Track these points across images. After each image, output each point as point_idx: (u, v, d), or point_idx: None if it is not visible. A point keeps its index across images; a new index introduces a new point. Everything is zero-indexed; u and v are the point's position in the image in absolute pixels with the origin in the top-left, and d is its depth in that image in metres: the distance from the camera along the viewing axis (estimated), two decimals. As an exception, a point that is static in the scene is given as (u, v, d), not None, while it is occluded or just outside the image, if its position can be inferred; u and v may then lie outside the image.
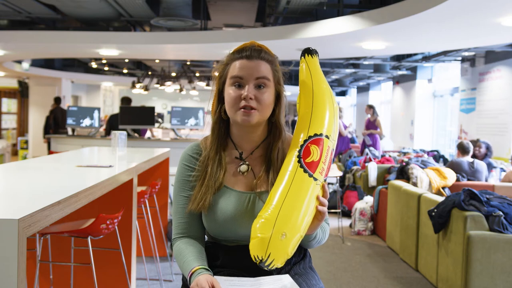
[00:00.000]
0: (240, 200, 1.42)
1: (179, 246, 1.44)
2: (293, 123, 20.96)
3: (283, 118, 1.49)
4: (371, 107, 9.37)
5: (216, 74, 1.49)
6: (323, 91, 1.43)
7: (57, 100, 10.79)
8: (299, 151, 1.35)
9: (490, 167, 5.49)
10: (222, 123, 1.48)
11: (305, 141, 1.37)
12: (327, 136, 1.38)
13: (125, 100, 8.13)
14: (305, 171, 1.32)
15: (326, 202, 1.35)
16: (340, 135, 8.95)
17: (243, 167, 1.47)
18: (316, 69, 1.45)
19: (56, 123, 10.26)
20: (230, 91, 1.40)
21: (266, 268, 1.26)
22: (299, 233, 1.28)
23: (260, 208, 1.39)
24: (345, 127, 9.18)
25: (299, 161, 1.34)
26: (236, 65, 1.41)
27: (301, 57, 1.48)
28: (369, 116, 9.40)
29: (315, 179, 1.32)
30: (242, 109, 1.38)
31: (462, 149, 5.12)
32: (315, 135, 1.37)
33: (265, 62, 1.42)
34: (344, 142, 9.33)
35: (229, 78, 1.41)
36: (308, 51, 1.47)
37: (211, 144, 1.48)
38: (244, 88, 1.39)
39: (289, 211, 1.27)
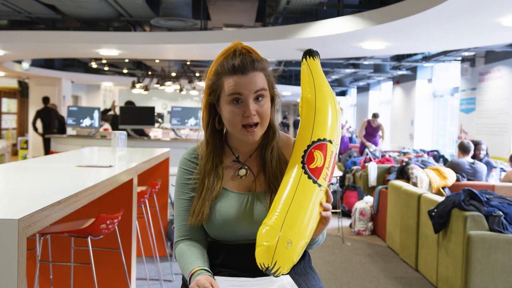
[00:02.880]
0: (239, 201, 1.42)
1: (181, 248, 1.44)
2: (295, 123, 20.95)
3: (277, 119, 1.48)
4: (377, 116, 9.44)
5: (207, 85, 1.44)
6: (325, 94, 1.42)
7: (45, 100, 10.69)
8: (303, 157, 1.34)
9: (489, 166, 5.49)
10: (216, 134, 1.47)
11: (308, 146, 1.35)
12: (330, 141, 1.37)
13: (128, 104, 8.19)
14: (309, 177, 1.31)
15: (330, 207, 1.34)
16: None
17: (242, 171, 1.47)
18: (318, 72, 1.44)
19: (44, 125, 10.21)
20: (230, 109, 1.38)
21: (272, 275, 1.27)
22: (304, 239, 1.28)
23: (258, 209, 1.39)
24: (342, 126, 9.21)
25: (303, 167, 1.33)
26: (231, 82, 1.37)
27: (302, 59, 1.47)
28: (368, 119, 9.47)
29: (319, 185, 1.32)
30: (245, 128, 1.37)
31: (463, 148, 5.12)
32: (319, 140, 1.36)
33: (259, 72, 1.40)
34: (343, 142, 9.36)
35: (227, 95, 1.38)
36: (310, 53, 1.45)
37: (207, 157, 1.47)
38: (246, 104, 1.37)
39: (294, 219, 1.27)
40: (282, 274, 1.27)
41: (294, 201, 1.29)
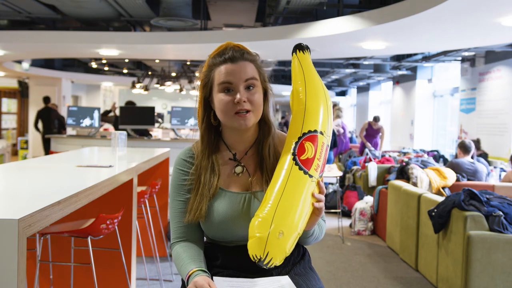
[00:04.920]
0: (236, 201, 1.42)
1: (177, 250, 1.44)
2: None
3: (271, 114, 1.48)
4: (378, 119, 9.46)
5: (200, 81, 1.46)
6: (316, 87, 1.42)
7: (45, 99, 10.70)
8: (294, 149, 1.35)
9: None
10: (211, 130, 1.47)
11: (299, 138, 1.36)
12: (321, 132, 1.37)
13: (129, 104, 8.20)
14: (300, 168, 1.32)
15: (322, 198, 1.34)
16: (340, 134, 9.00)
17: (238, 169, 1.47)
18: (308, 65, 1.44)
19: (44, 125, 10.23)
20: (221, 97, 1.38)
21: (265, 267, 1.26)
22: (297, 231, 1.29)
23: (256, 208, 1.39)
24: (344, 128, 9.25)
25: (294, 159, 1.33)
26: (221, 71, 1.39)
27: (292, 54, 1.46)
28: (368, 121, 9.51)
29: (311, 176, 1.32)
30: (237, 114, 1.37)
31: (464, 148, 5.12)
32: (309, 131, 1.36)
33: (249, 62, 1.41)
34: (343, 142, 9.37)
35: (217, 84, 1.39)
36: (300, 47, 1.45)
37: (202, 152, 1.47)
38: (236, 92, 1.37)
39: (285, 210, 1.27)
40: (275, 265, 1.26)
41: (286, 192, 1.29)
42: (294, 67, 1.45)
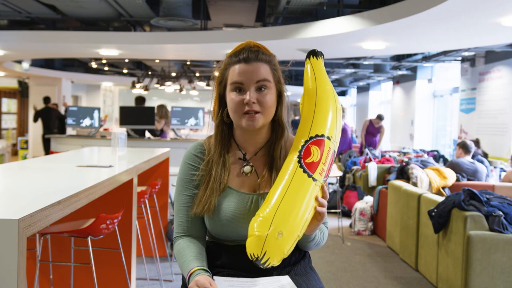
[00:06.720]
0: (243, 201, 1.42)
1: (180, 245, 1.44)
2: (293, 122, 20.98)
3: (285, 116, 1.49)
4: (382, 118, 9.45)
5: (216, 78, 1.49)
6: (327, 93, 1.43)
7: (45, 100, 10.73)
8: (300, 152, 1.36)
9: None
10: (224, 126, 1.49)
11: (306, 141, 1.37)
12: (328, 138, 1.38)
13: (139, 100, 8.15)
14: (304, 171, 1.32)
15: (325, 203, 1.34)
16: (343, 135, 9.02)
17: (247, 168, 1.47)
18: (321, 71, 1.46)
19: (45, 125, 10.26)
20: (232, 97, 1.40)
21: (261, 267, 1.26)
22: (296, 233, 1.28)
23: None
24: (348, 130, 9.27)
25: (299, 161, 1.34)
26: (235, 70, 1.41)
27: (306, 59, 1.48)
28: (370, 119, 9.49)
29: (315, 180, 1.32)
30: (246, 114, 1.38)
31: (465, 148, 5.12)
32: (316, 136, 1.37)
33: (264, 63, 1.42)
34: (347, 143, 9.39)
35: (230, 83, 1.41)
36: (314, 53, 1.48)
37: (215, 147, 1.48)
38: (246, 93, 1.39)
39: (286, 211, 1.28)
40: (272, 265, 1.26)
41: (288, 193, 1.30)
42: (307, 72, 1.46)
